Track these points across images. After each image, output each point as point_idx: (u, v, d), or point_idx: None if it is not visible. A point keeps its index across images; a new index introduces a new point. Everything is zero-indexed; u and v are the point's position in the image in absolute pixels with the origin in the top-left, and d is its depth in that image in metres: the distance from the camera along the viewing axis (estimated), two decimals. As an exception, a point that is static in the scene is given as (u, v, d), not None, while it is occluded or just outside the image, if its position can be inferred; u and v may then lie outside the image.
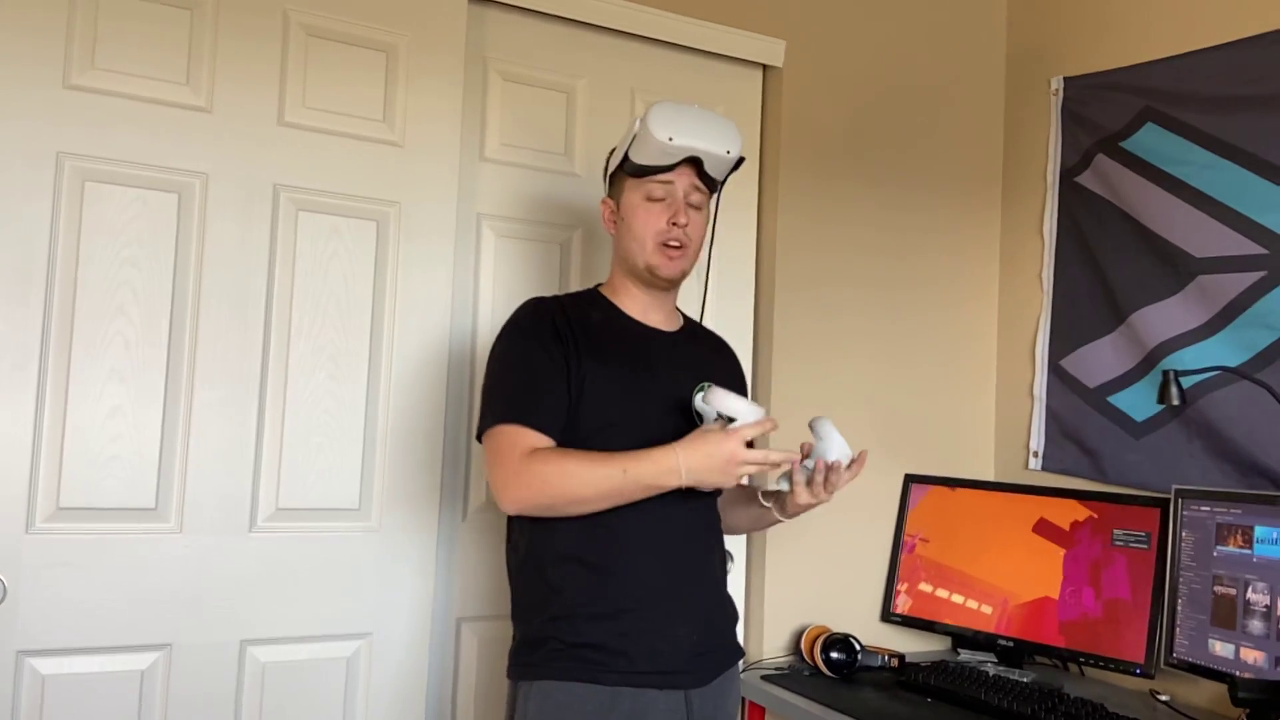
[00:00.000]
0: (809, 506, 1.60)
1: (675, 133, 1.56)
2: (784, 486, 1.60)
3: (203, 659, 1.77)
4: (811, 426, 1.59)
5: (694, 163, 1.59)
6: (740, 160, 1.66)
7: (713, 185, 1.66)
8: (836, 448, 1.55)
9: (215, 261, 1.80)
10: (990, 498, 2.31)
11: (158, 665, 1.74)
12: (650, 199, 1.61)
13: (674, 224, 1.59)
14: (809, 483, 1.57)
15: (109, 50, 1.74)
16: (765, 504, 1.68)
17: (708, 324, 2.04)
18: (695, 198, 1.62)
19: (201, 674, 1.76)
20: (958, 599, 2.27)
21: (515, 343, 1.59)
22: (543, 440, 1.51)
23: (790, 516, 1.66)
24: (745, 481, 1.73)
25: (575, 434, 1.54)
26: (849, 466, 1.56)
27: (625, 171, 1.63)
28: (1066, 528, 2.16)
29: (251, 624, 1.80)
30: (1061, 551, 2.15)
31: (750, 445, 1.49)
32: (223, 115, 1.82)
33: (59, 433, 1.69)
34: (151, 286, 1.76)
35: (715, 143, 1.60)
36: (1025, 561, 2.20)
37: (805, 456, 1.59)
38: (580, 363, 1.55)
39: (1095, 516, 2.12)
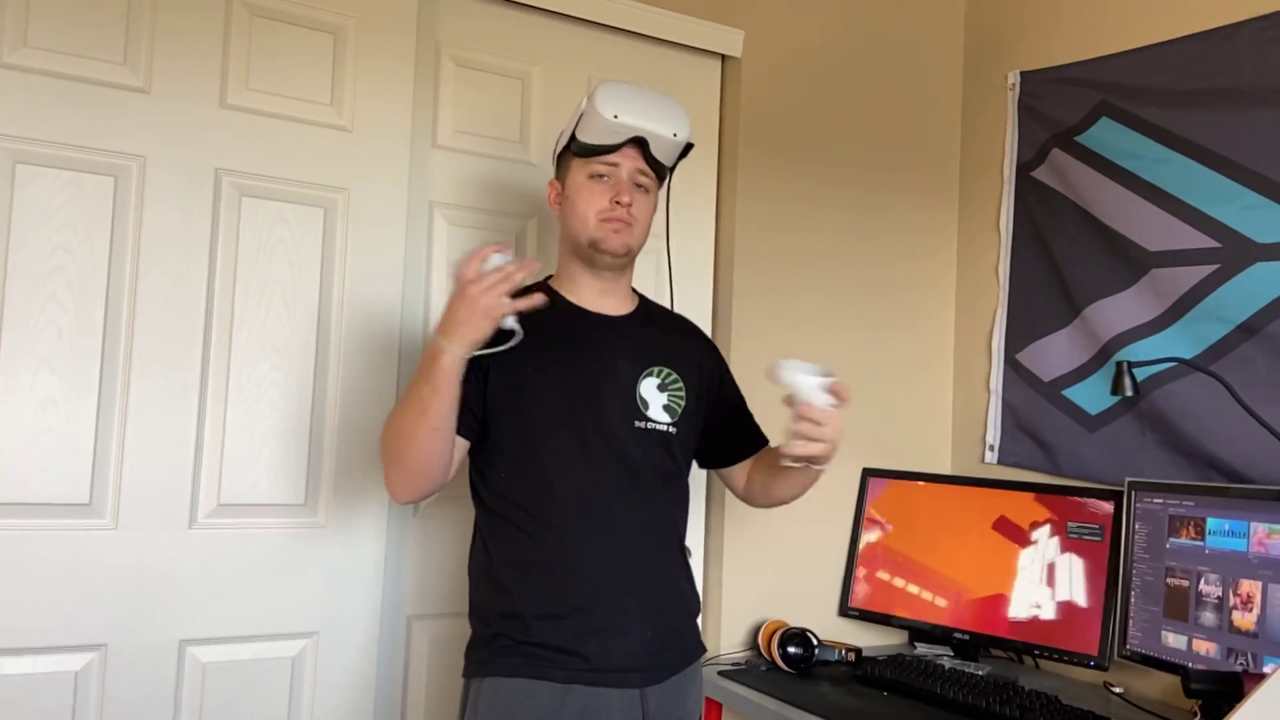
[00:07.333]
0: (824, 448, 1.47)
1: (621, 111, 1.53)
2: (788, 461, 1.50)
3: (140, 659, 1.70)
4: (776, 379, 1.48)
5: (640, 145, 1.56)
6: (688, 146, 1.62)
7: (661, 172, 1.62)
8: (805, 388, 1.46)
9: (153, 247, 1.74)
10: (946, 491, 2.30)
11: (93, 666, 1.68)
12: (594, 177, 1.57)
13: (617, 202, 1.55)
14: (799, 433, 1.45)
15: (42, 28, 1.67)
16: (795, 465, 1.53)
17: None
18: (642, 180, 1.59)
19: (139, 675, 1.70)
20: (913, 589, 2.26)
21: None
22: None
23: (823, 461, 1.51)
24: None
25: (521, 433, 1.52)
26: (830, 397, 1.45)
27: (571, 151, 1.60)
28: (1025, 525, 2.17)
29: (191, 623, 1.74)
30: (1017, 548, 2.15)
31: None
32: (162, 96, 1.75)
33: (-13, 425, 1.62)
34: (85, 273, 1.69)
35: (661, 124, 1.57)
36: (981, 556, 2.20)
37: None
38: (511, 366, 1.50)
39: (1052, 514, 2.12)
